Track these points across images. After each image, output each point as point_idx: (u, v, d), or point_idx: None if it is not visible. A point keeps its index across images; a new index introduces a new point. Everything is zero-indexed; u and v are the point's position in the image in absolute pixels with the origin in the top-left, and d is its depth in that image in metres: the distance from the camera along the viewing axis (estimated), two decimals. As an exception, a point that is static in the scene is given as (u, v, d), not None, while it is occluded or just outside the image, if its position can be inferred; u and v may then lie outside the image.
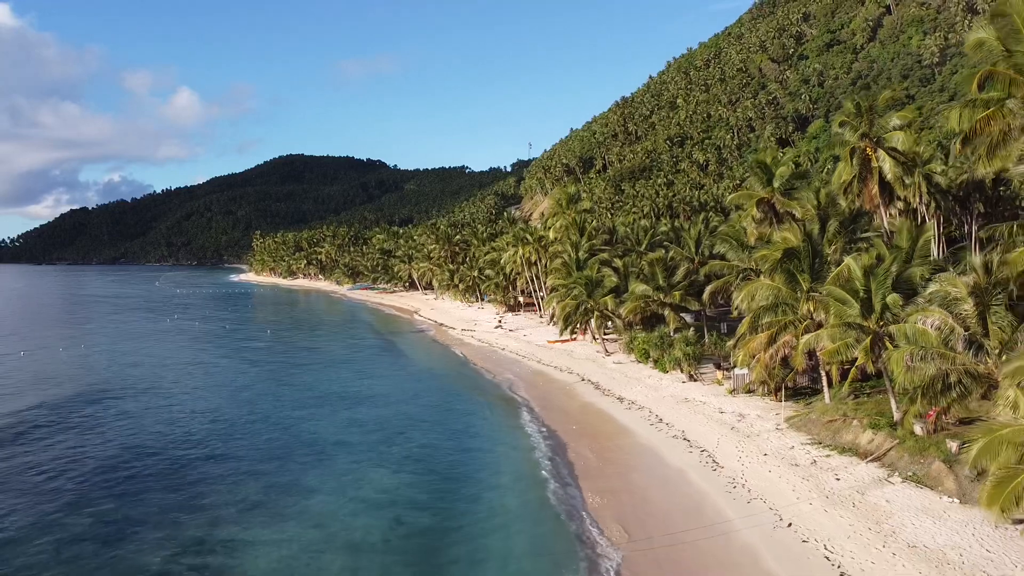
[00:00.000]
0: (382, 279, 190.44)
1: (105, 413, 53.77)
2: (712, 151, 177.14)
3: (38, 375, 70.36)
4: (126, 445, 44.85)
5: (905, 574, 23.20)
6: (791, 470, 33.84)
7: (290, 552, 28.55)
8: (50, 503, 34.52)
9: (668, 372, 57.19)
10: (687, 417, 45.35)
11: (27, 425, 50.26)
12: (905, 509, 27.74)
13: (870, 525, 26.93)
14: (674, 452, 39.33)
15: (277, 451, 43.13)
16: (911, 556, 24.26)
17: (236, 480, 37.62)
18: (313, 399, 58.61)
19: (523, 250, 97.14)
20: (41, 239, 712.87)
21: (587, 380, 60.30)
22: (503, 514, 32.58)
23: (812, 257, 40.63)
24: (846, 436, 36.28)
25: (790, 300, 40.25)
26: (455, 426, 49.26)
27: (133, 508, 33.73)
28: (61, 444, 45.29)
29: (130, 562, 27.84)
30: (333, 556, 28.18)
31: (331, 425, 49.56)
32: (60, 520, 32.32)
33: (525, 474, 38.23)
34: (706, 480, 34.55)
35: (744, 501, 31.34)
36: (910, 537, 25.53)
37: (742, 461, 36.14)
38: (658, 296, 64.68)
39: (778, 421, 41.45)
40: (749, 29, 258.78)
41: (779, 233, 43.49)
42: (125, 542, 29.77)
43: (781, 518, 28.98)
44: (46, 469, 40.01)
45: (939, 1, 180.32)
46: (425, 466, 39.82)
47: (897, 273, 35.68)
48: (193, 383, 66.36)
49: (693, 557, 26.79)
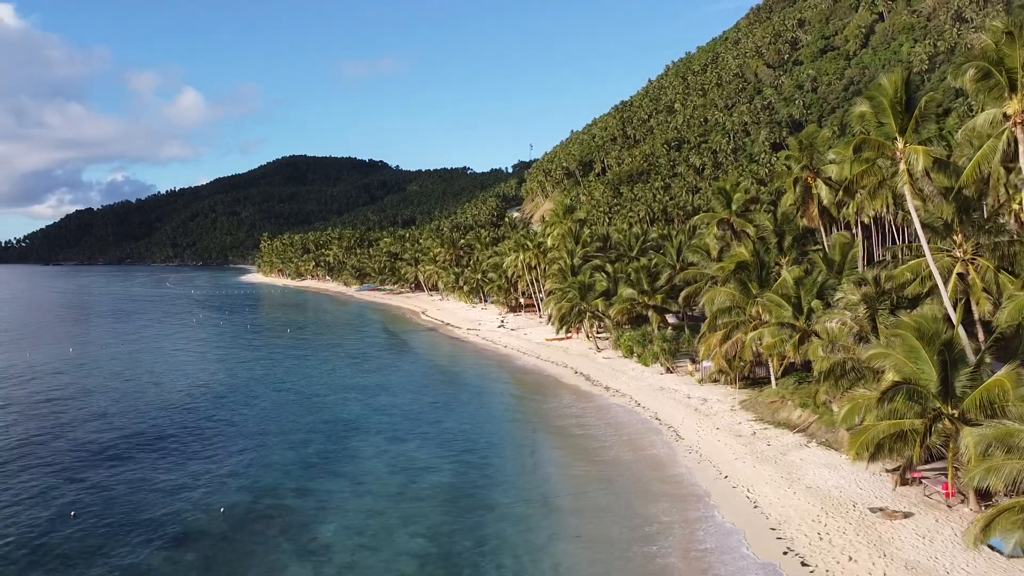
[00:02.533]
0: (389, 280, 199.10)
1: (183, 399, 62.89)
2: (708, 155, 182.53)
3: (110, 371, 78.86)
4: (217, 418, 54.89)
5: (798, 503, 32.08)
6: (735, 440, 42.75)
7: (343, 496, 37.36)
8: (180, 451, 43.43)
9: (649, 366, 66.06)
10: (661, 401, 54.27)
11: (141, 405, 59.68)
12: (812, 464, 36.68)
13: (783, 475, 35.85)
14: (647, 428, 48.27)
15: (321, 427, 52.24)
16: (806, 493, 33.16)
17: (294, 447, 46.89)
18: (341, 388, 67.59)
19: (524, 255, 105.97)
20: (47, 239, 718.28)
21: (579, 373, 69.21)
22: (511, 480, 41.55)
23: (760, 269, 49.56)
24: (782, 414, 45.21)
25: (742, 304, 49.12)
26: (464, 410, 58.21)
27: (229, 460, 43.23)
28: (167, 417, 55.01)
29: (228, 497, 36.57)
30: (375, 499, 37.01)
31: (361, 408, 58.61)
32: (189, 461, 41.21)
33: (523, 444, 47.16)
34: (669, 447, 43.52)
35: (695, 461, 40.28)
36: (809, 482, 34.45)
37: (699, 434, 45.05)
38: (643, 299, 73.48)
39: (733, 404, 50.39)
40: (746, 34, 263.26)
41: (735, 248, 52.41)
42: (226, 484, 38.60)
43: (720, 472, 37.90)
44: (170, 433, 49.17)
45: (930, 9, 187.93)
46: (441, 439, 48.70)
47: (822, 283, 44.54)
48: (240, 376, 75.32)
49: (659, 489, 35.76)
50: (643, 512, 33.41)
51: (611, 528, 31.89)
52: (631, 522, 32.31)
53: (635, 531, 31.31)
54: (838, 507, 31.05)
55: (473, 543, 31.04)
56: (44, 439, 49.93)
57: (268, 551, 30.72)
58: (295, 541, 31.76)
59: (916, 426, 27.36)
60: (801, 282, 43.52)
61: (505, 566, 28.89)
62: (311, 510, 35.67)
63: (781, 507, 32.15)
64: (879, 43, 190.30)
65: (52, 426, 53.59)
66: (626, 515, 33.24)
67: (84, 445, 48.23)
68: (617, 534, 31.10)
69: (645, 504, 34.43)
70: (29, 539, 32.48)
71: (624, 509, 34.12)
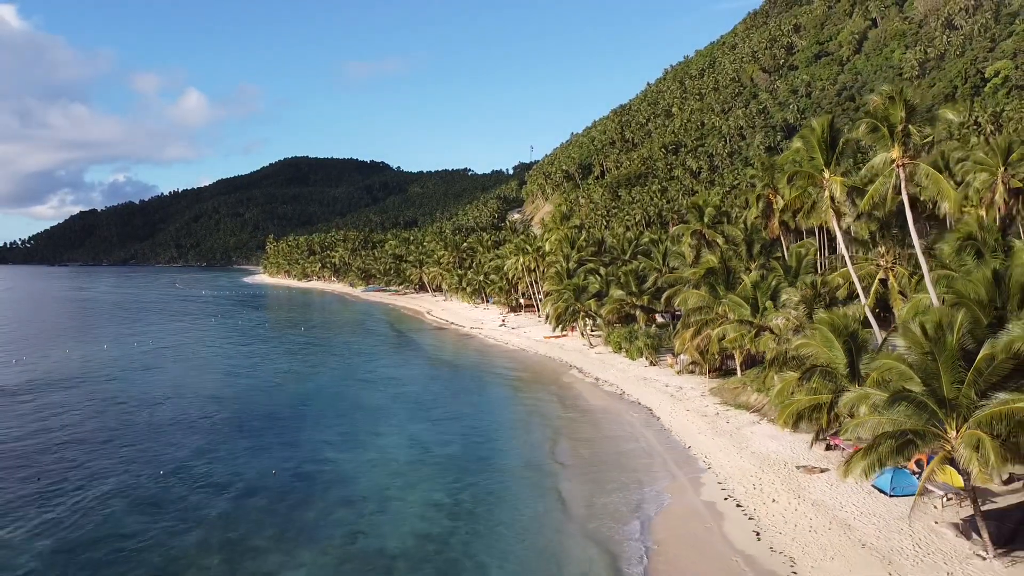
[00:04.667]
0: (394, 281, 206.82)
1: (222, 388, 70.68)
2: (704, 159, 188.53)
3: (148, 365, 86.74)
4: (257, 402, 62.23)
5: (742, 464, 39.90)
6: (701, 419, 50.58)
7: (372, 462, 45.13)
8: (227, 426, 51.26)
9: (635, 359, 73.86)
10: (643, 389, 62.09)
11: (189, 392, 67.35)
12: (759, 436, 44.50)
13: (735, 444, 43.67)
14: (629, 410, 56.11)
15: (344, 410, 60.19)
16: (751, 457, 40.98)
17: (329, 426, 54.90)
18: (360, 379, 75.51)
19: (523, 259, 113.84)
20: (51, 240, 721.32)
21: (573, 366, 77.07)
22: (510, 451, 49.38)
23: (727, 274, 57.36)
24: (742, 398, 53.02)
25: (711, 304, 56.89)
26: (470, 397, 66.07)
27: (269, 434, 50.93)
28: (218, 403, 62.46)
29: (278, 464, 44.32)
30: (398, 464, 44.78)
31: (378, 395, 66.52)
32: (239, 433, 49.02)
33: (518, 423, 54.97)
34: (647, 425, 51.37)
35: (666, 437, 48.12)
36: (754, 449, 42.28)
37: (672, 415, 52.88)
38: (631, 299, 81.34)
39: (703, 391, 58.22)
40: (743, 39, 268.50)
41: (706, 256, 60.26)
42: (275, 453, 46.41)
43: (686, 443, 45.75)
44: (217, 410, 56.87)
45: (921, 15, 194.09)
46: (450, 419, 56.49)
47: (775, 286, 52.31)
48: (266, 368, 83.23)
49: (633, 461, 43.54)
50: (618, 477, 41.10)
51: (591, 484, 39.68)
52: (609, 484, 40.00)
53: (610, 488, 39.11)
54: (772, 466, 38.92)
55: (482, 494, 38.85)
56: (137, 422, 57.70)
57: (316, 501, 38.52)
58: (336, 494, 39.59)
59: (825, 399, 35.15)
60: (758, 285, 51.33)
61: (512, 509, 36.66)
62: (346, 472, 43.57)
63: (729, 467, 40.00)
64: (872, 49, 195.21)
65: (144, 411, 61.50)
66: (604, 479, 41.01)
67: (177, 424, 56.24)
68: (596, 497, 38.84)
69: (620, 473, 42.05)
70: (146, 484, 40.37)
71: (602, 473, 41.89)
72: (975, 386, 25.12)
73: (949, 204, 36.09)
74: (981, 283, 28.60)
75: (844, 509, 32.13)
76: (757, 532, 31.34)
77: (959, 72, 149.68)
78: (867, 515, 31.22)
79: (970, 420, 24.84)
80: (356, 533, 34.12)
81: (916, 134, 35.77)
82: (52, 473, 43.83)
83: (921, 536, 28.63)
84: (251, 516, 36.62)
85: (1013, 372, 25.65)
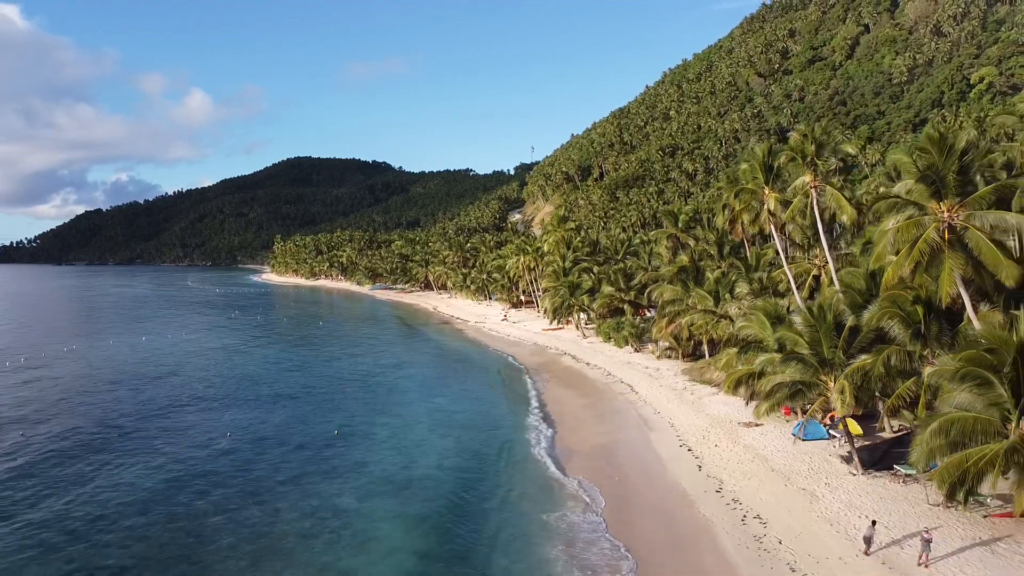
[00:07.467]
0: (401, 280, 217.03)
1: (256, 379, 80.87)
2: (700, 161, 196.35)
3: (202, 354, 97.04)
4: (296, 383, 72.22)
5: (698, 423, 50.06)
6: (671, 393, 60.73)
7: (400, 427, 55.32)
8: (253, 410, 61.34)
9: (622, 347, 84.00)
10: (626, 371, 72.22)
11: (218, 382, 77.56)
12: (715, 403, 54.66)
13: (695, 410, 53.83)
14: (612, 387, 66.27)
15: (373, 388, 70.58)
16: (705, 417, 51.16)
17: (362, 401, 65.13)
18: (379, 365, 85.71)
19: (524, 259, 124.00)
20: (57, 240, 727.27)
21: (567, 353, 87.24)
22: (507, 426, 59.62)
23: (696, 271, 67.50)
24: (707, 375, 63.14)
25: (682, 297, 66.99)
26: (477, 379, 76.30)
27: (300, 409, 60.94)
28: (251, 387, 72.53)
29: (329, 428, 54.41)
30: (420, 429, 54.99)
31: (393, 379, 76.71)
32: (269, 412, 59.09)
33: (522, 397, 65.15)
34: (626, 398, 61.55)
35: (640, 405, 58.31)
36: (709, 412, 52.45)
37: (648, 390, 63.01)
38: (620, 295, 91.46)
39: (677, 371, 68.40)
40: (739, 43, 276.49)
41: (680, 256, 70.36)
42: (327, 419, 56.54)
43: (656, 410, 55.91)
44: (245, 395, 66.94)
45: (911, 22, 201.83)
46: (460, 396, 66.66)
47: (733, 281, 62.42)
48: (294, 359, 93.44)
49: (616, 419, 53.69)
50: (598, 430, 51.29)
51: (575, 435, 49.82)
52: (591, 438, 50.17)
53: (591, 439, 49.26)
54: (720, 424, 49.11)
55: (488, 449, 49.01)
56: (202, 396, 68.03)
57: (368, 452, 48.72)
58: (381, 448, 49.83)
59: (757, 368, 45.22)
60: (720, 281, 61.52)
61: (515, 455, 46.83)
62: (384, 432, 53.89)
63: (687, 425, 50.17)
64: (863, 54, 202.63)
65: (208, 390, 71.78)
66: (588, 433, 51.17)
67: (237, 398, 66.58)
68: (584, 447, 49.03)
69: (601, 427, 52.29)
70: (214, 451, 50.55)
71: (586, 429, 52.06)
72: (845, 350, 35.27)
73: (846, 215, 46.13)
74: (861, 277, 38.70)
75: (766, 449, 42.31)
76: (699, 466, 41.50)
77: (946, 78, 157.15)
78: (781, 452, 41.41)
79: (841, 375, 34.99)
80: (404, 463, 44.61)
81: (821, 164, 45.86)
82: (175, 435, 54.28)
83: (816, 463, 38.82)
84: (322, 462, 46.77)
85: (876, 340, 35.81)
